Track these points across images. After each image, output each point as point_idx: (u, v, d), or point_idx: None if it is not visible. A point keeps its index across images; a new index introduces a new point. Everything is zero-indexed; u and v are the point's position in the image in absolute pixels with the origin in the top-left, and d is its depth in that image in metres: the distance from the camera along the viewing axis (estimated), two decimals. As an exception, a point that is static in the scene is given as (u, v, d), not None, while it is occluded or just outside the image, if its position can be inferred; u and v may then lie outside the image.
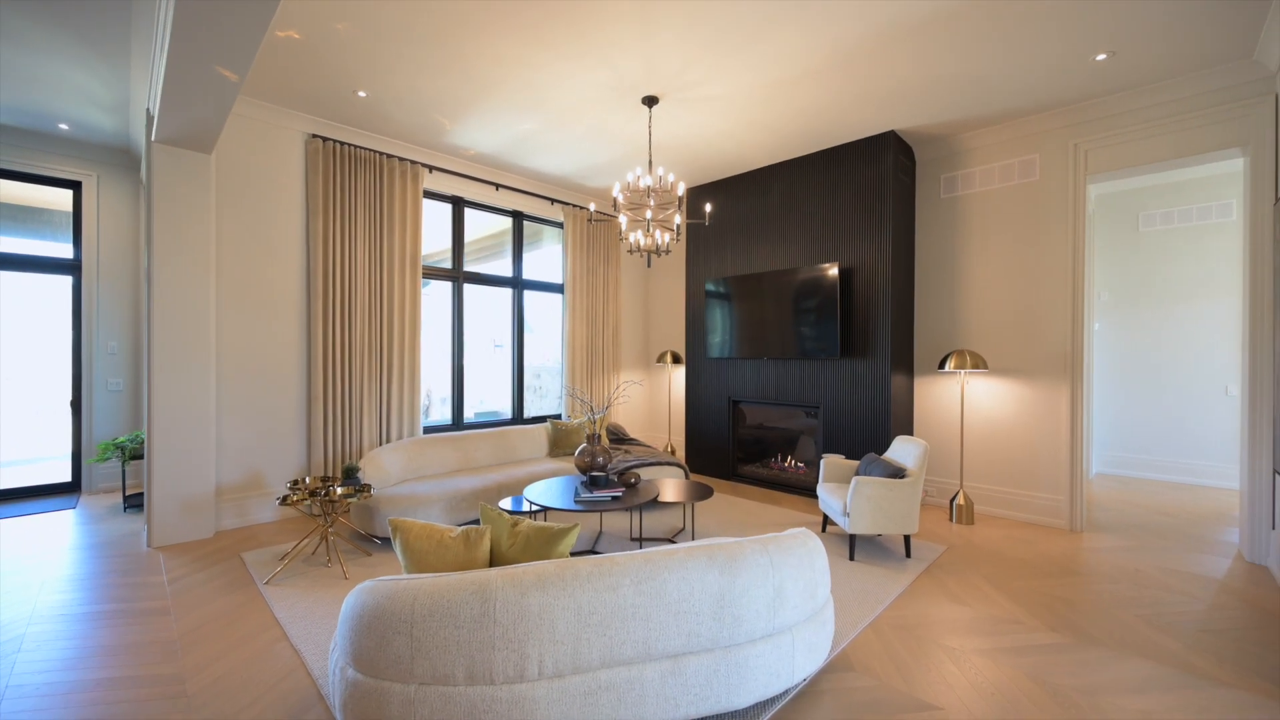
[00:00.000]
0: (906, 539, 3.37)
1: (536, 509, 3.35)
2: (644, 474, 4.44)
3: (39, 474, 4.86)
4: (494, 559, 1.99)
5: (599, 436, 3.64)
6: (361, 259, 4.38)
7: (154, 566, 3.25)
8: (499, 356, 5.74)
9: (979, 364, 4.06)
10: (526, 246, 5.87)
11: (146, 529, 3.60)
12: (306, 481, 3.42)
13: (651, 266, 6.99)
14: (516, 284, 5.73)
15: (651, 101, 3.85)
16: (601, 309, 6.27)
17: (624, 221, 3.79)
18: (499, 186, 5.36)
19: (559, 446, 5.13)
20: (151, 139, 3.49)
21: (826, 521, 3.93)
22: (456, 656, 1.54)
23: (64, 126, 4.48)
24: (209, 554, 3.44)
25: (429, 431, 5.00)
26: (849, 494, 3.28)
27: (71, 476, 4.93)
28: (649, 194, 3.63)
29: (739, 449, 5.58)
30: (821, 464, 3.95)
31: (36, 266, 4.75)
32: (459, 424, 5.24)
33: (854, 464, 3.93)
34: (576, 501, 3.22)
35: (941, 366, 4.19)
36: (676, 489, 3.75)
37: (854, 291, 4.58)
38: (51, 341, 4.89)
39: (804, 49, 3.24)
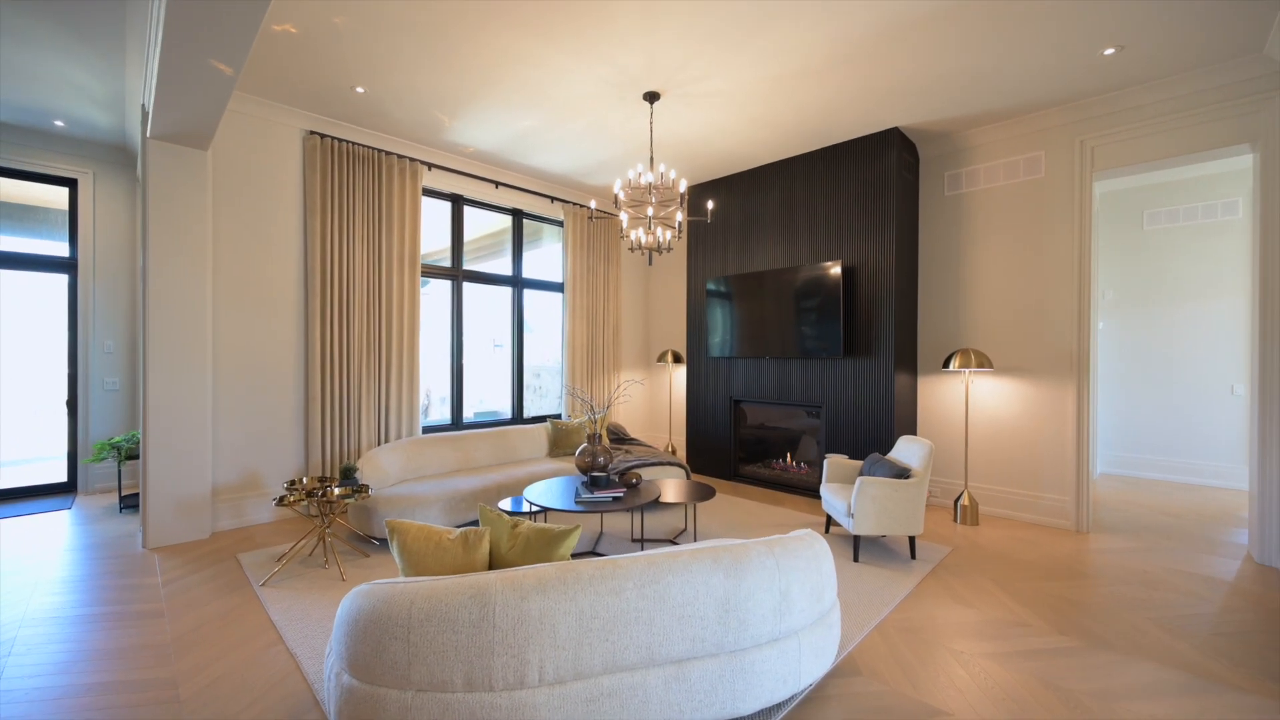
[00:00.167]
0: (911, 540, 3.32)
1: (536, 510, 3.31)
2: (645, 474, 4.40)
3: (35, 474, 4.81)
4: (493, 562, 1.94)
5: (600, 436, 3.59)
6: (360, 257, 4.34)
7: (149, 568, 3.20)
8: (498, 356, 5.69)
9: (984, 363, 4.02)
10: (526, 245, 5.83)
11: (142, 530, 3.56)
12: (304, 482, 3.37)
13: (653, 265, 6.94)
14: (516, 283, 5.69)
15: (653, 97, 3.81)
16: (602, 308, 6.23)
17: (625, 219, 3.74)
18: (498, 184, 5.32)
19: (559, 446, 5.08)
20: (147, 135, 3.44)
21: (830, 522, 3.89)
22: (455, 662, 1.50)
23: (59, 123, 4.43)
24: (205, 555, 3.40)
25: (428, 431, 4.95)
26: (853, 494, 3.24)
27: (67, 477, 4.89)
28: (650, 191, 3.59)
29: (740, 449, 5.53)
30: (825, 464, 3.91)
31: (32, 265, 4.71)
32: (458, 424, 5.19)
33: (857, 464, 3.89)
34: (577, 502, 3.18)
35: (946, 366, 4.14)
36: (678, 489, 3.71)
37: (857, 290, 4.54)
38: (47, 341, 4.84)
39: (806, 44, 3.19)
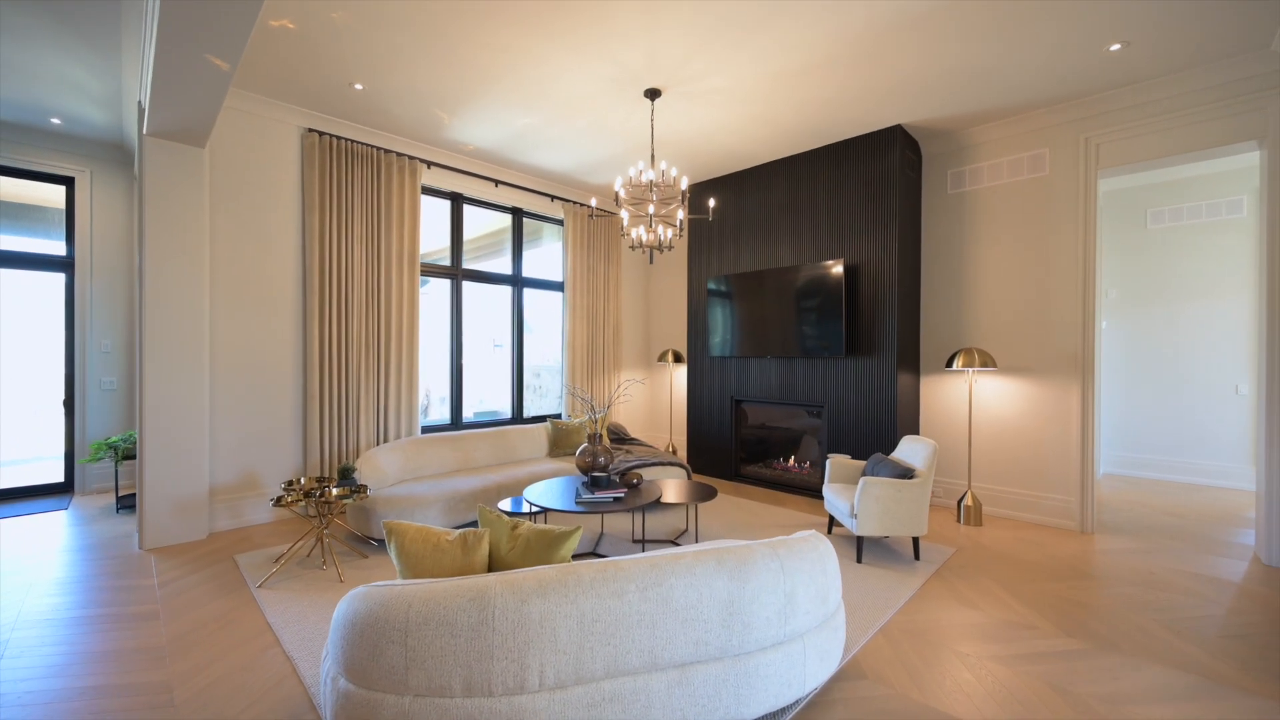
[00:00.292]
0: (915, 541, 3.29)
1: (536, 510, 3.28)
2: (646, 474, 4.36)
3: (31, 474, 4.77)
4: (493, 564, 1.91)
5: (600, 436, 3.56)
6: (359, 256, 4.30)
7: (145, 569, 3.17)
8: (498, 355, 5.66)
9: (987, 362, 3.99)
10: (526, 244, 5.79)
11: (138, 531, 3.52)
12: (301, 482, 3.34)
13: (653, 263, 6.91)
14: (516, 282, 5.65)
15: (654, 94, 3.78)
16: (602, 307, 6.20)
17: (626, 217, 3.71)
18: (498, 183, 5.28)
19: (559, 446, 5.05)
20: (144, 132, 3.41)
21: (832, 523, 3.86)
22: (453, 667, 1.47)
23: (56, 121, 4.40)
24: (201, 556, 3.36)
25: (427, 431, 4.92)
26: (856, 495, 3.20)
27: (64, 477, 4.85)
28: (652, 188, 3.55)
29: (741, 449, 5.50)
30: (827, 464, 3.87)
31: (29, 264, 4.67)
32: (458, 423, 5.16)
33: (860, 464, 3.86)
34: (578, 503, 3.14)
35: (949, 365, 4.11)
36: (679, 490, 3.67)
37: (859, 289, 4.50)
38: (44, 340, 4.81)
39: (808, 40, 3.16)
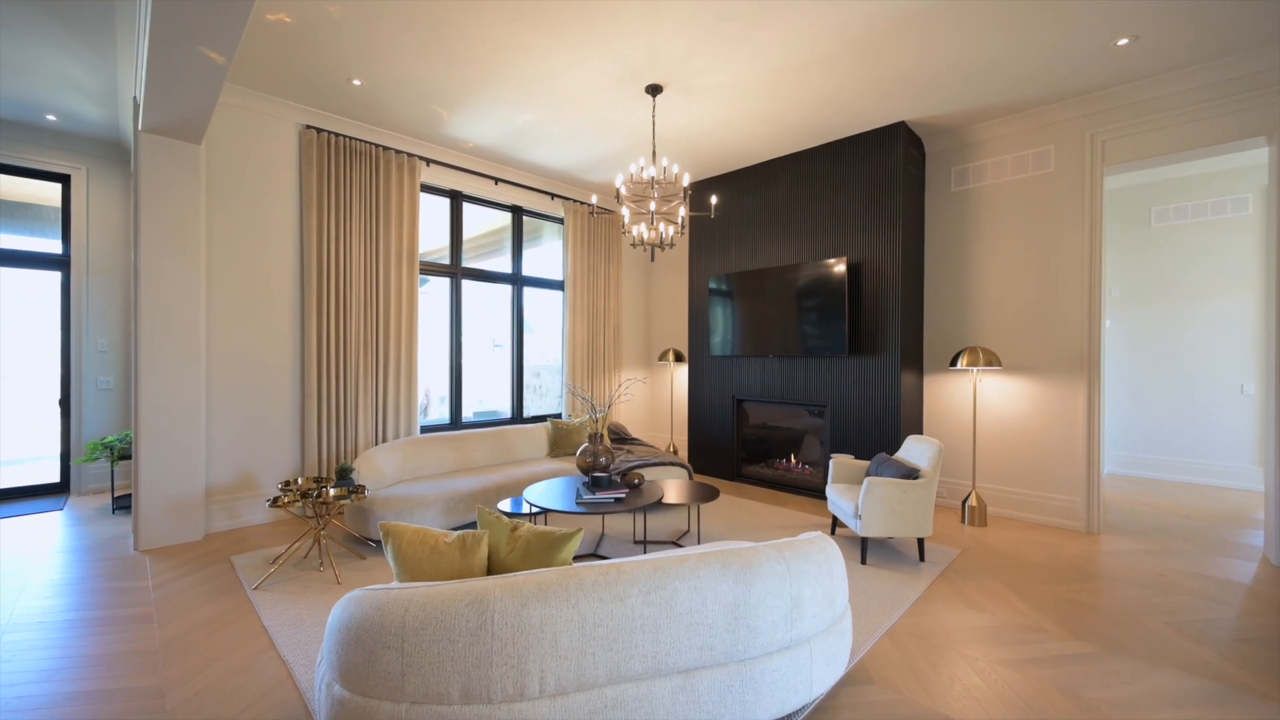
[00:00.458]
0: (920, 542, 3.25)
1: (536, 511, 3.23)
2: (647, 474, 4.32)
3: (27, 474, 4.73)
4: (492, 566, 1.87)
5: (601, 436, 3.52)
6: (357, 254, 4.26)
7: (140, 570, 3.13)
8: (498, 354, 5.62)
9: (992, 361, 3.94)
10: (526, 242, 5.75)
11: (133, 531, 3.48)
12: (299, 482, 3.30)
13: (654, 262, 6.87)
14: (516, 280, 5.61)
15: (655, 90, 3.73)
16: (603, 306, 6.15)
17: (627, 214, 3.67)
18: (498, 180, 5.24)
19: (559, 446, 5.01)
20: (139, 128, 3.37)
21: (836, 523, 3.81)
22: (451, 673, 1.43)
23: (51, 118, 4.36)
24: (197, 557, 3.32)
25: (426, 431, 4.88)
26: (861, 495, 3.16)
27: (60, 477, 4.81)
28: (653, 185, 3.51)
29: (743, 449, 5.46)
30: (830, 464, 3.83)
31: (24, 262, 4.63)
32: (457, 423, 5.12)
33: (864, 464, 3.82)
34: (578, 503, 3.10)
35: (953, 364, 4.07)
36: (681, 490, 3.63)
37: (862, 287, 4.46)
38: (40, 339, 4.76)
39: (810, 36, 3.12)
